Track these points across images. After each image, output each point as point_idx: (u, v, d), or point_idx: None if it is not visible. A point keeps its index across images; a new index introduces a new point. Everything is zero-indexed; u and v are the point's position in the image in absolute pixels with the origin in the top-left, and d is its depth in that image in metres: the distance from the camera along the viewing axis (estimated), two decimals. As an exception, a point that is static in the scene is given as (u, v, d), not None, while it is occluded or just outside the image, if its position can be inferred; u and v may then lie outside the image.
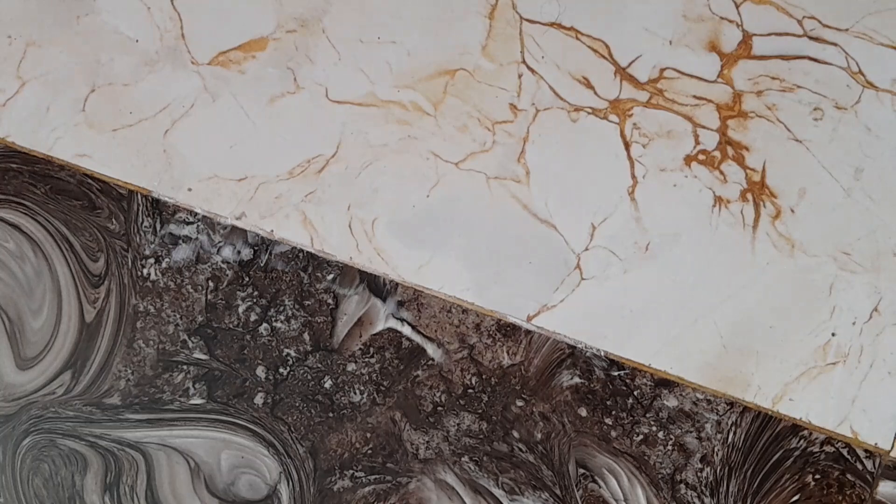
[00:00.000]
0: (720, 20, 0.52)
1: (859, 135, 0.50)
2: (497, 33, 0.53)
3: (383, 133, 0.53)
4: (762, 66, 0.52)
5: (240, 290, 0.52)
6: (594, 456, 0.49)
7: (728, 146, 0.51)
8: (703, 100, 0.52)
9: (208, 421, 0.50)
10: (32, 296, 0.52)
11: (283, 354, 0.51)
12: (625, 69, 0.52)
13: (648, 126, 0.52)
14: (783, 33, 0.52)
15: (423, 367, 0.50)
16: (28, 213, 0.53)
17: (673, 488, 0.49)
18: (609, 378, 0.49)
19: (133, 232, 0.53)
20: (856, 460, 0.48)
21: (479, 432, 0.50)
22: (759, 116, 0.51)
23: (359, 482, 0.50)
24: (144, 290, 0.52)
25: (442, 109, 0.53)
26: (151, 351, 0.51)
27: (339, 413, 0.50)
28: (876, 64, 0.51)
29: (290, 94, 0.53)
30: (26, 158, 0.54)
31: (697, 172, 0.51)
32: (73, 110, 0.54)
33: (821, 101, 0.51)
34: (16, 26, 0.55)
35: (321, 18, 0.54)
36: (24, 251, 0.53)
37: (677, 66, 0.52)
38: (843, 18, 0.51)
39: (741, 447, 0.49)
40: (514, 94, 0.53)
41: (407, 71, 0.53)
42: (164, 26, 0.55)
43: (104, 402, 0.51)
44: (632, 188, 0.51)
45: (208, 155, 0.53)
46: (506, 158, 0.52)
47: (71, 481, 0.50)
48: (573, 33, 0.53)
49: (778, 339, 0.49)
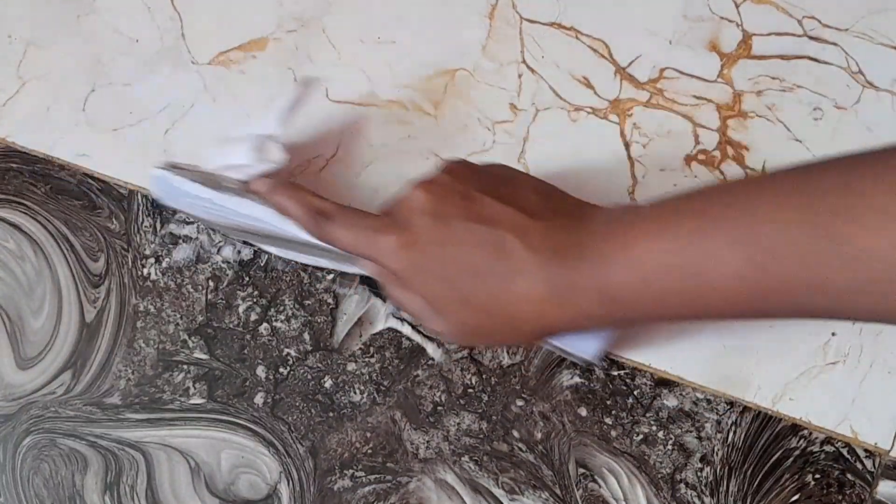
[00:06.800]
0: (720, 20, 0.52)
1: (859, 135, 0.50)
2: (497, 33, 0.53)
3: (383, 133, 0.53)
4: (762, 65, 0.52)
5: (240, 289, 0.52)
6: (594, 455, 0.49)
7: (728, 146, 0.51)
8: (703, 99, 0.52)
9: (208, 421, 0.50)
10: (32, 295, 0.52)
11: (283, 354, 0.51)
12: (625, 69, 0.52)
13: (648, 126, 0.52)
14: (783, 33, 0.52)
15: (423, 366, 0.50)
16: (28, 212, 0.53)
17: (673, 488, 0.49)
18: (609, 378, 0.49)
19: (133, 231, 0.53)
20: (856, 460, 0.48)
21: (479, 432, 0.50)
22: (759, 116, 0.51)
23: (359, 482, 0.50)
24: (145, 290, 0.52)
25: (442, 109, 0.53)
26: (152, 350, 0.51)
27: (340, 413, 0.50)
28: (876, 64, 0.51)
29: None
30: (26, 158, 0.54)
31: (697, 172, 0.51)
32: (73, 110, 0.54)
33: (821, 101, 0.51)
34: (16, 26, 0.55)
35: (321, 18, 0.54)
36: (25, 251, 0.53)
37: (677, 65, 0.52)
38: (844, 18, 0.51)
39: (741, 447, 0.49)
40: (515, 94, 0.53)
41: (407, 71, 0.53)
42: (164, 26, 0.55)
43: (104, 402, 0.51)
44: (632, 188, 0.51)
45: (208, 155, 0.53)
46: (506, 158, 0.52)
47: (71, 481, 0.50)
48: (573, 33, 0.53)
49: (778, 339, 0.49)
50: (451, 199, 0.40)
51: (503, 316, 0.39)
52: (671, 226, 0.36)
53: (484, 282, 0.39)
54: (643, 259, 0.36)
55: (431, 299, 0.41)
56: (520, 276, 0.38)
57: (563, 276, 0.38)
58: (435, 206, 0.40)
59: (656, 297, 0.37)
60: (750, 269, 0.34)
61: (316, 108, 0.53)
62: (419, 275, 0.40)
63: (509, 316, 0.39)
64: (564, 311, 0.38)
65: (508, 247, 0.38)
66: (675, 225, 0.36)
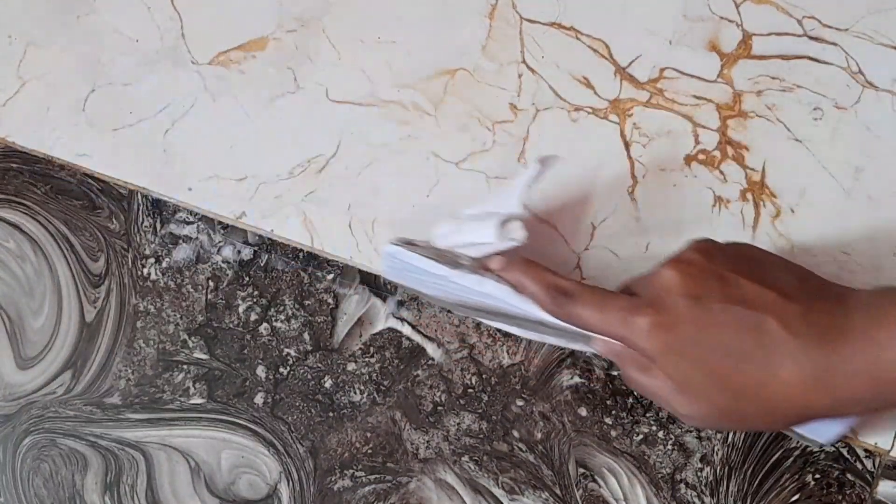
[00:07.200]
0: (720, 20, 0.52)
1: (859, 134, 0.50)
2: (497, 33, 0.53)
3: (383, 133, 0.53)
4: (762, 65, 0.52)
5: (240, 289, 0.52)
6: (594, 455, 0.49)
7: (728, 146, 0.51)
8: (703, 99, 0.52)
9: (208, 421, 0.50)
10: (33, 295, 0.52)
11: (283, 354, 0.51)
12: (625, 69, 0.52)
13: (648, 126, 0.52)
14: (783, 33, 0.52)
15: (423, 366, 0.50)
16: (28, 212, 0.53)
17: (673, 488, 0.49)
18: (609, 378, 0.49)
19: (133, 231, 0.53)
20: (855, 460, 0.48)
21: (479, 432, 0.50)
22: (759, 116, 0.51)
23: (359, 482, 0.50)
24: (145, 290, 0.52)
25: (442, 109, 0.53)
26: (152, 350, 0.51)
27: (340, 413, 0.50)
28: (876, 64, 0.51)
29: (291, 94, 0.53)
30: (26, 158, 0.54)
31: (697, 172, 0.51)
32: (73, 110, 0.54)
33: (821, 101, 0.51)
34: (16, 26, 0.55)
35: (321, 18, 0.54)
36: (25, 251, 0.53)
37: (677, 65, 0.52)
38: (844, 18, 0.51)
39: (741, 447, 0.49)
40: (515, 94, 0.53)
41: (407, 71, 0.53)
42: (164, 26, 0.55)
43: (104, 402, 0.51)
44: (632, 188, 0.51)
45: (208, 155, 0.53)
46: (506, 158, 0.52)
47: (71, 481, 0.50)
48: (573, 33, 0.53)
49: (778, 339, 0.49)
50: (707, 281, 0.39)
51: (761, 400, 0.38)
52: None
53: (744, 365, 0.38)
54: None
55: (682, 382, 0.39)
56: (782, 360, 0.37)
57: (829, 361, 0.37)
58: (691, 288, 0.39)
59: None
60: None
61: (316, 108, 0.53)
62: (672, 357, 0.39)
63: (767, 400, 0.38)
64: (831, 394, 0.37)
65: (770, 330, 0.37)
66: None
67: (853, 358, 0.37)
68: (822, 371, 0.37)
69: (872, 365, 0.36)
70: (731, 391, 0.39)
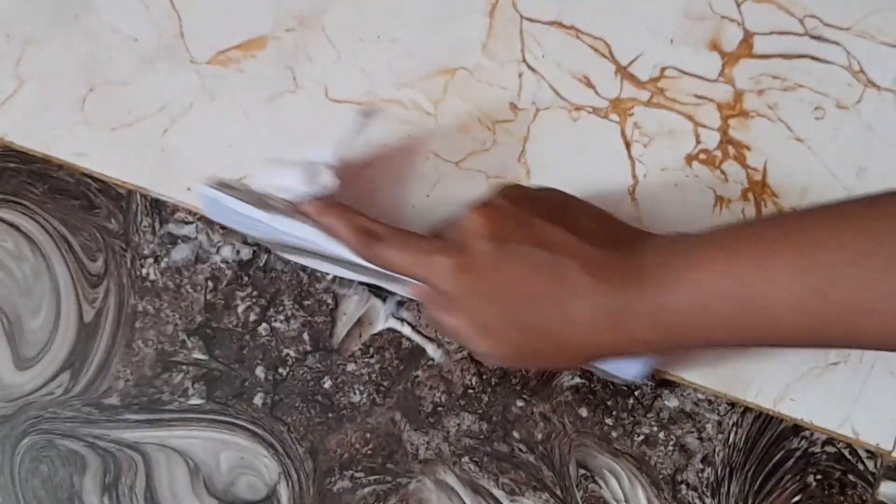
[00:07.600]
0: (721, 19, 0.52)
1: (861, 134, 0.50)
2: (497, 32, 0.53)
3: (383, 133, 0.52)
4: (763, 65, 0.51)
5: (239, 289, 0.51)
6: (595, 456, 0.49)
7: (729, 145, 0.51)
8: (705, 99, 0.51)
9: (207, 421, 0.50)
10: (31, 295, 0.52)
11: (282, 354, 0.51)
12: (625, 68, 0.52)
13: (649, 125, 0.51)
14: (784, 32, 0.52)
15: (423, 367, 0.50)
16: (26, 212, 0.53)
17: (674, 489, 0.48)
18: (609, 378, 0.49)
19: (132, 231, 0.52)
20: (857, 461, 0.48)
21: (480, 433, 0.50)
22: (761, 115, 0.51)
23: (358, 483, 0.50)
24: (143, 290, 0.52)
25: (442, 108, 0.53)
26: (150, 351, 0.51)
27: (339, 413, 0.50)
28: (878, 63, 0.51)
29: (290, 93, 0.53)
30: (24, 158, 0.53)
31: (698, 172, 0.51)
32: (71, 109, 0.54)
33: (822, 101, 0.51)
34: (13, 25, 0.55)
35: (320, 17, 0.54)
36: (23, 251, 0.52)
37: (678, 65, 0.52)
38: (845, 17, 0.51)
39: (742, 448, 0.48)
40: (515, 93, 0.52)
41: (407, 70, 0.53)
42: (162, 25, 0.54)
43: (103, 403, 0.51)
44: (633, 188, 0.51)
45: (207, 154, 0.53)
46: (506, 158, 0.52)
47: (70, 482, 0.50)
48: (574, 32, 0.53)
49: (779, 340, 0.49)
50: (508, 224, 0.40)
51: (554, 338, 0.40)
52: (732, 252, 0.36)
53: (539, 305, 0.39)
54: (702, 284, 0.36)
55: (480, 321, 0.41)
56: (576, 300, 0.38)
57: (619, 301, 0.38)
58: (493, 230, 0.40)
59: (712, 323, 0.37)
60: (810, 298, 0.34)
61: (315, 107, 0.53)
62: (471, 297, 0.40)
63: (560, 338, 0.40)
64: (616, 335, 0.38)
65: (568, 272, 0.38)
66: (736, 251, 0.36)
67: (639, 301, 0.38)
68: (611, 312, 0.38)
69: (656, 307, 0.37)
70: (526, 330, 0.40)
